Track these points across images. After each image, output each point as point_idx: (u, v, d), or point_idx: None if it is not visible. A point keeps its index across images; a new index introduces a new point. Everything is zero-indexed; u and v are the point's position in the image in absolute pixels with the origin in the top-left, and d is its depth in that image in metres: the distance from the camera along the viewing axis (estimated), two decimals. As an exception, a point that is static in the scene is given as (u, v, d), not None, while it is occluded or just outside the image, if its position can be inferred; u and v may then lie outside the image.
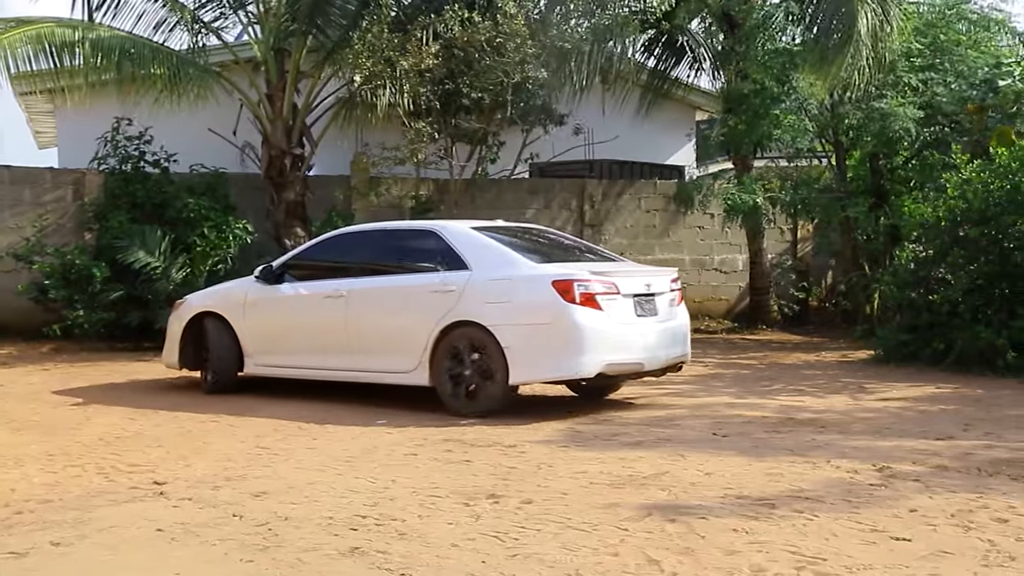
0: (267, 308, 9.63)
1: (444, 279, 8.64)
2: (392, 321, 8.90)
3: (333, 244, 9.80)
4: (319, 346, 9.27)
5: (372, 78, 13.46)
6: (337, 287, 9.24)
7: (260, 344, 9.63)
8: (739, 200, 13.93)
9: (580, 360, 8.21)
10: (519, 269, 8.59)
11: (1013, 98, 13.41)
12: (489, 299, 8.41)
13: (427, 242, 9.06)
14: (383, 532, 5.07)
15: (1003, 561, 4.46)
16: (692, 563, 4.52)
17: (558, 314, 8.21)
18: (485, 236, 8.98)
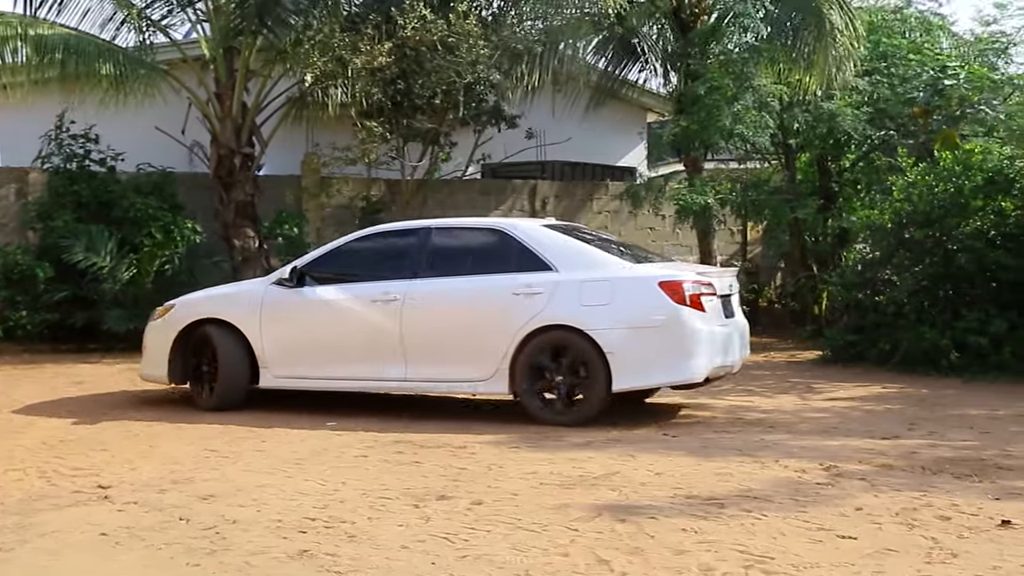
0: (292, 314, 8.68)
1: (528, 281, 8.07)
2: (462, 327, 8.23)
3: (371, 244, 8.93)
4: (362, 355, 8.42)
5: (323, 77, 13.38)
6: (387, 290, 8.40)
7: (282, 354, 8.64)
8: (690, 201, 14.01)
9: (692, 363, 7.92)
10: (615, 270, 8.22)
11: (957, 101, 13.63)
12: (585, 301, 7.92)
13: (494, 241, 8.47)
14: (332, 534, 5.04)
15: (945, 558, 4.53)
16: (641, 563, 4.53)
17: (670, 316, 7.86)
18: (563, 235, 8.61)
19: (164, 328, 9.03)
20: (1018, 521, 5.05)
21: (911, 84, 14.06)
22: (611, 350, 7.77)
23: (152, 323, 9.26)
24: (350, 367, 8.48)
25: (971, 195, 11.24)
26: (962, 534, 4.90)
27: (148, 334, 9.25)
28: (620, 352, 7.77)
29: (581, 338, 7.85)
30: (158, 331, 9.10)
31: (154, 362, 9.07)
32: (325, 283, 8.68)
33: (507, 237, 8.39)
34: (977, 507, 5.38)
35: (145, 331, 9.34)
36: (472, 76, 13.48)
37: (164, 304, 9.37)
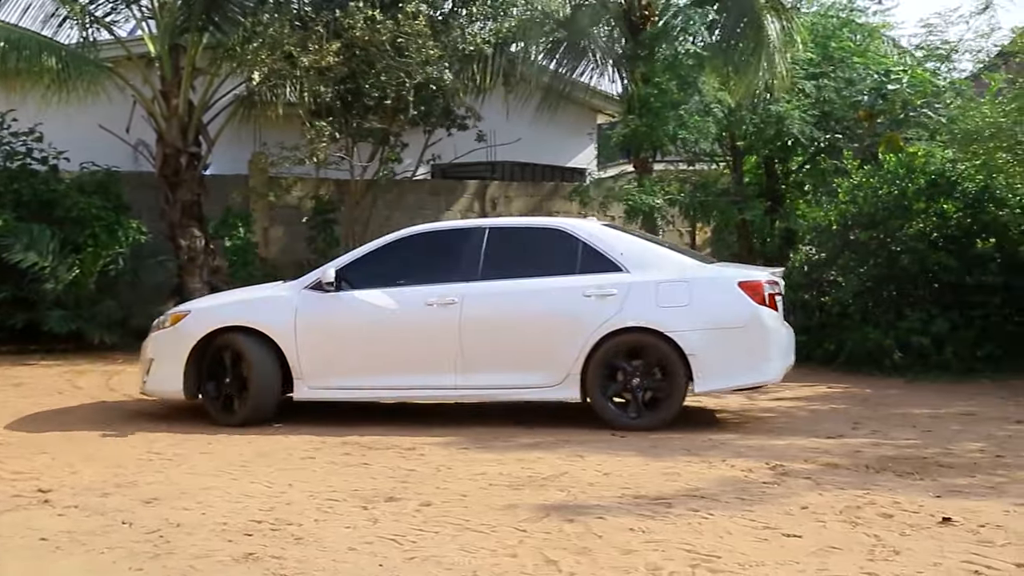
0: (332, 320, 8.11)
1: (599, 282, 7.84)
2: (528, 330, 7.90)
3: (416, 244, 8.42)
4: (414, 362, 7.98)
5: (271, 76, 13.26)
6: (444, 292, 7.98)
7: (322, 363, 8.06)
8: (639, 202, 14.08)
9: (772, 365, 7.94)
10: (691, 270, 8.10)
11: (900, 105, 13.82)
12: (663, 303, 7.76)
13: (555, 241, 8.19)
14: (278, 537, 4.99)
15: (888, 555, 4.59)
16: (589, 563, 4.54)
17: (751, 317, 7.81)
18: (628, 235, 8.53)
19: (177, 337, 8.23)
20: (958, 518, 5.13)
21: (856, 88, 14.24)
22: (692, 352, 7.66)
23: (159, 332, 8.43)
24: (400, 375, 8.01)
25: (914, 198, 11.41)
26: (904, 531, 4.97)
27: (154, 344, 8.43)
28: (702, 354, 7.67)
29: (660, 340, 7.71)
30: (168, 340, 8.29)
31: (164, 375, 8.25)
32: (366, 286, 8.13)
33: (569, 237, 8.15)
34: (919, 505, 5.46)
35: (149, 341, 8.52)
36: (422, 77, 13.44)
37: (172, 311, 8.65)
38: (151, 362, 8.38)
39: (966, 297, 10.84)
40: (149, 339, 8.53)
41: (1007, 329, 10.91)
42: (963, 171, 11.57)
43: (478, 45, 14.16)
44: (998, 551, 4.62)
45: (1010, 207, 11.18)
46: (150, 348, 8.46)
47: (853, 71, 14.25)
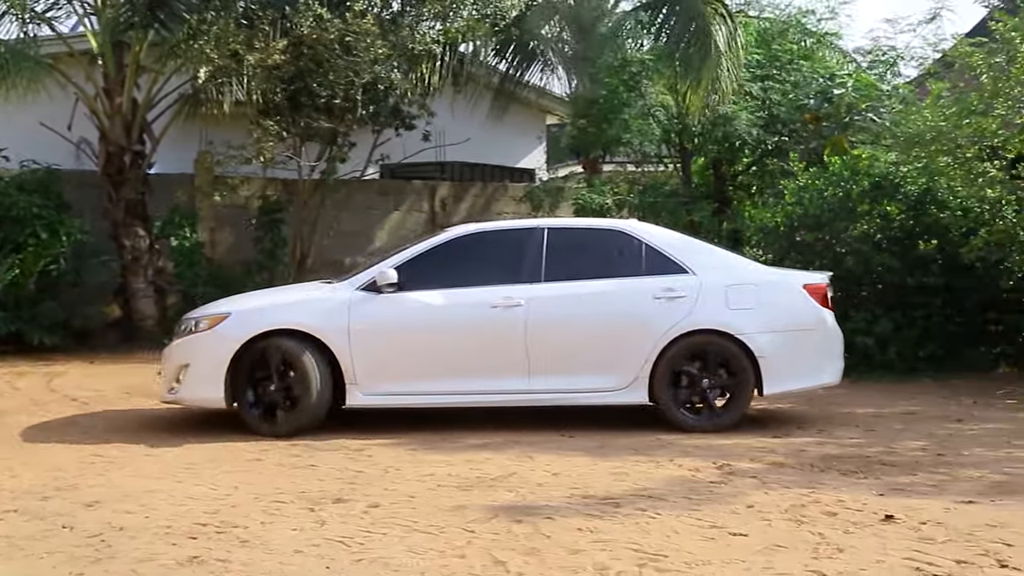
0: (390, 323, 7.76)
1: (668, 284, 7.83)
2: (596, 333, 7.83)
3: (471, 245, 8.17)
4: (478, 366, 7.76)
5: (217, 73, 13.11)
6: (509, 294, 7.79)
7: (377, 369, 7.69)
8: (588, 202, 14.13)
9: (836, 366, 8.14)
10: (756, 272, 8.26)
11: (845, 109, 14.00)
12: (732, 305, 7.82)
13: (615, 243, 8.14)
14: (224, 540, 4.93)
15: (832, 553, 4.64)
16: (537, 563, 4.54)
17: (817, 320, 8.01)
18: (687, 237, 8.60)
19: (217, 340, 7.69)
20: (901, 516, 5.20)
21: (802, 91, 14.41)
22: (762, 354, 7.71)
23: (196, 335, 7.82)
24: (463, 380, 7.76)
25: (858, 199, 11.57)
26: (848, 529, 5.03)
27: (189, 348, 7.83)
28: (771, 356, 7.74)
29: (730, 342, 7.75)
30: (207, 344, 7.72)
31: (202, 381, 7.70)
32: (422, 287, 7.84)
33: (629, 238, 8.12)
34: (862, 503, 5.53)
35: (179, 344, 7.92)
36: (371, 76, 13.37)
37: (208, 313, 8.06)
38: (185, 368, 7.76)
39: (909, 298, 11.01)
40: (179, 343, 7.93)
41: (948, 329, 11.10)
42: (906, 174, 11.75)
43: (427, 45, 14.12)
44: (939, 548, 4.69)
45: (951, 209, 11.37)
46: (183, 352, 7.85)
47: (799, 74, 14.42)
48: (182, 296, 13.78)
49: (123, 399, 9.45)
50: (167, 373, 7.97)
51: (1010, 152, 11.42)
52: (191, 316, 8.19)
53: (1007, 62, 11.24)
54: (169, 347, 8.10)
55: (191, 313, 8.41)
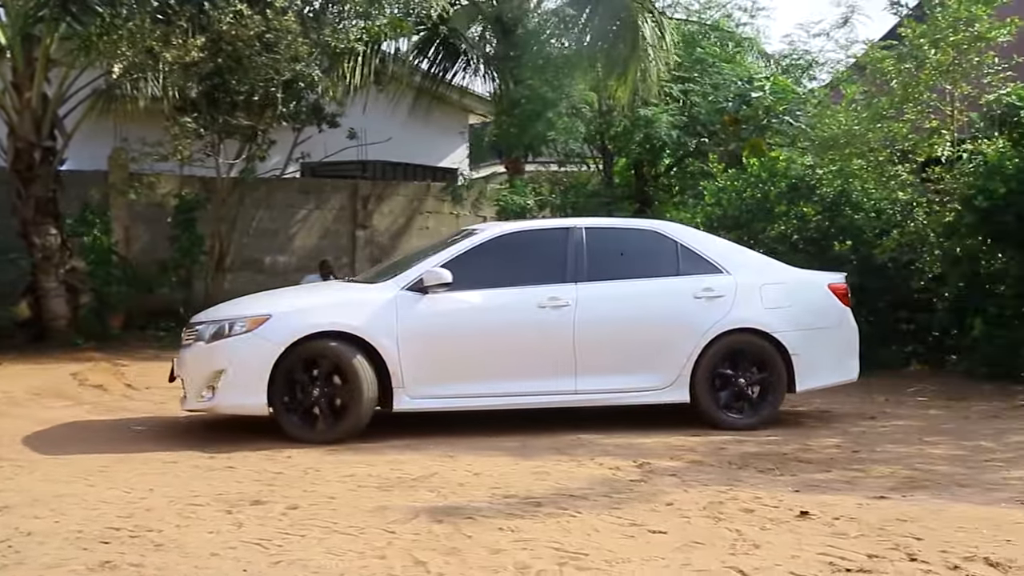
0: (437, 323, 7.55)
1: (708, 284, 7.95)
2: (641, 333, 7.84)
3: (511, 244, 8.08)
4: (527, 367, 7.67)
5: (132, 69, 12.83)
6: (555, 294, 7.75)
7: (425, 372, 7.46)
8: (511, 202, 14.16)
9: (855, 363, 8.39)
10: (783, 272, 8.47)
11: (763, 111, 14.24)
12: (767, 304, 8.01)
13: (650, 243, 8.25)
14: (137, 544, 4.82)
15: (749, 549, 4.70)
16: (458, 563, 4.53)
17: (841, 318, 8.29)
18: (718, 238, 8.83)
19: (259, 343, 7.30)
20: (815, 512, 5.29)
21: (722, 94, 14.62)
22: (795, 352, 7.90)
23: (231, 339, 7.36)
24: (512, 382, 7.65)
25: (776, 200, 11.78)
26: (764, 526, 5.10)
27: (225, 352, 7.36)
28: (803, 354, 7.93)
29: (765, 341, 7.91)
30: (248, 347, 7.31)
31: (242, 386, 7.29)
32: (465, 287, 7.64)
33: (663, 238, 8.24)
34: (778, 499, 5.62)
35: (208, 348, 7.42)
36: (291, 73, 13.22)
37: (246, 314, 7.53)
38: (220, 373, 7.30)
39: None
40: (212, 347, 7.41)
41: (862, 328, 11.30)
42: (821, 176, 11.99)
43: (350, 43, 14.01)
44: (851, 543, 4.78)
45: (865, 211, 11.63)
46: (217, 356, 7.36)
47: (719, 77, 14.63)
48: (95, 296, 13.48)
49: (33, 400, 9.20)
50: (194, 380, 7.46)
51: (920, 155, 11.74)
52: (222, 318, 7.60)
53: (916, 68, 11.55)
54: (191, 352, 7.58)
55: (213, 315, 7.89)
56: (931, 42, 11.44)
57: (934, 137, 11.59)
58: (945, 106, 11.76)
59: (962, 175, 10.88)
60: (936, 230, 11.20)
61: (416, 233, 17.11)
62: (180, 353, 7.79)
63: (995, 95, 11.40)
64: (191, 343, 7.61)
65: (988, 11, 11.38)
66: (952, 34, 11.29)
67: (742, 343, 7.95)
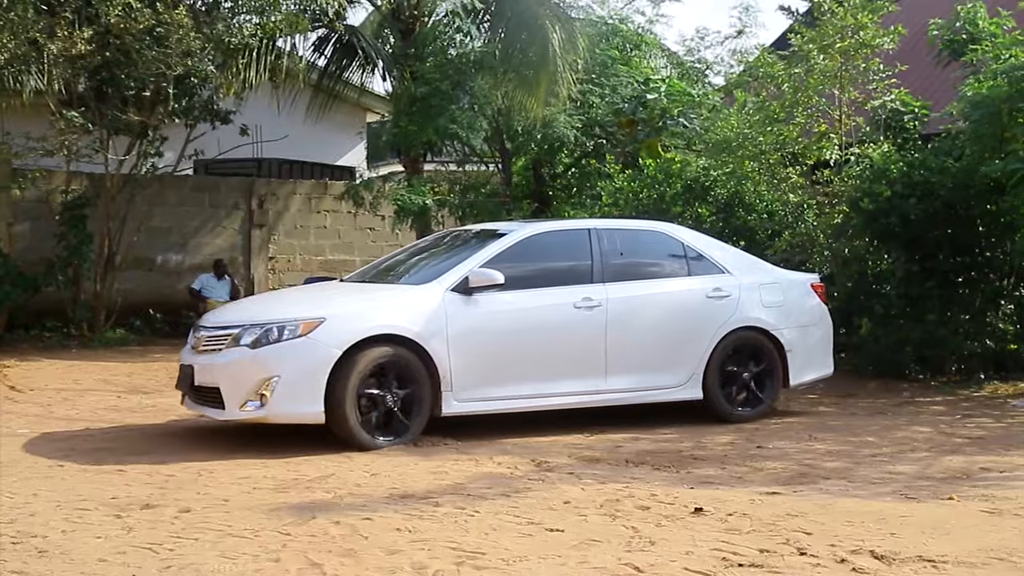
0: (484, 325, 7.47)
1: (717, 284, 8.31)
2: (663, 332, 8.08)
3: (540, 245, 8.11)
4: (564, 368, 7.75)
5: (14, 61, 12.38)
6: (588, 295, 7.85)
7: (474, 374, 7.37)
8: (409, 202, 14.09)
9: (831, 359, 8.90)
10: (774, 272, 8.93)
11: (659, 113, 14.44)
12: (766, 303, 8.42)
13: (660, 244, 8.55)
14: (20, 550, 4.66)
15: (644, 546, 4.76)
16: (354, 564, 4.48)
17: (823, 315, 8.82)
18: (710, 238, 9.12)
19: (314, 349, 6.97)
20: (709, 508, 5.38)
21: (619, 95, 14.78)
22: (790, 348, 8.40)
23: (281, 344, 6.98)
24: (549, 383, 7.71)
25: (671, 201, 11.96)
26: (660, 522, 5.17)
27: (275, 357, 6.97)
28: (795, 349, 8.45)
29: (765, 338, 8.36)
30: (301, 353, 6.97)
31: (297, 395, 6.95)
32: (503, 289, 7.55)
33: (670, 239, 8.55)
34: (674, 496, 5.70)
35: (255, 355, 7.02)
36: (183, 68, 12.93)
37: (298, 318, 7.12)
38: (270, 380, 6.90)
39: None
40: (259, 353, 7.01)
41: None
42: (716, 178, 12.21)
43: (244, 38, 13.77)
44: (744, 538, 4.87)
45: (757, 212, 11.89)
46: (267, 363, 6.96)
47: (617, 79, 14.78)
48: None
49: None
50: (237, 388, 7.00)
51: (810, 159, 12.06)
52: (265, 321, 7.16)
53: (805, 73, 11.86)
54: (228, 358, 7.13)
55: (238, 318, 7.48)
56: (820, 48, 11.76)
57: (823, 141, 11.92)
58: (833, 111, 12.10)
59: (849, 178, 11.21)
60: (825, 231, 11.52)
61: (315, 232, 16.91)
62: (203, 359, 7.32)
63: (880, 100, 11.78)
64: (224, 348, 7.20)
65: (874, 19, 11.75)
66: (839, 40, 11.62)
67: (745, 340, 8.34)
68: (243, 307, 8.42)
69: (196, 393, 7.41)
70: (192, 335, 7.76)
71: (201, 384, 7.31)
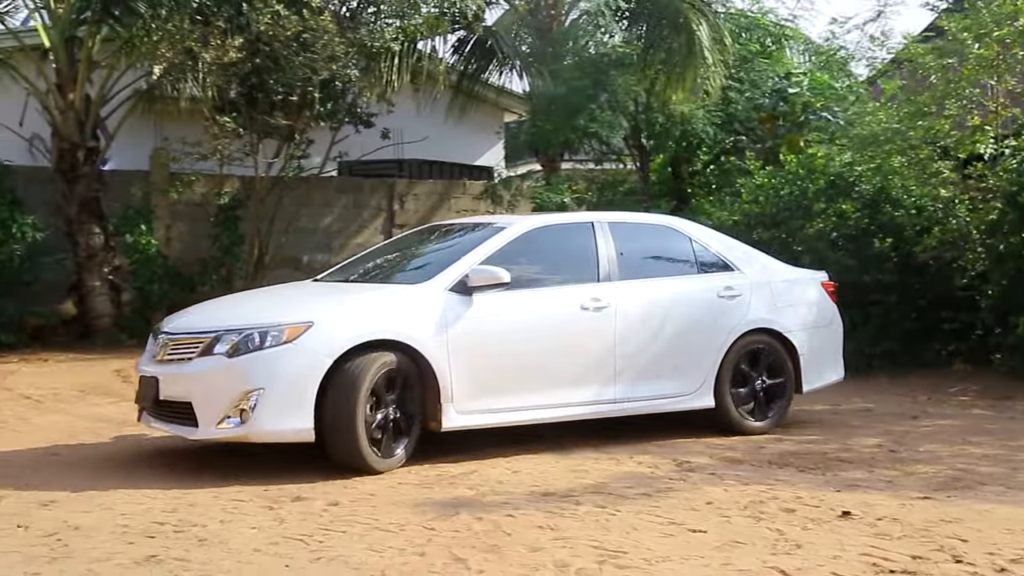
0: (489, 328, 6.74)
1: (727, 282, 7.66)
2: (676, 334, 7.38)
3: (542, 240, 7.35)
4: (574, 375, 7.02)
5: (172, 70, 12.96)
6: (596, 295, 7.15)
7: (476, 383, 6.61)
8: (547, 200, 14.16)
9: (842, 363, 8.30)
10: (784, 270, 8.27)
11: (800, 108, 14.14)
12: (778, 303, 7.81)
13: (667, 239, 7.86)
14: (182, 539, 4.88)
15: (790, 549, 4.68)
16: (498, 560, 4.54)
17: (834, 316, 8.19)
18: (717, 232, 8.56)
19: (301, 356, 6.17)
20: (857, 512, 5.26)
21: (759, 90, 14.54)
22: (802, 351, 7.76)
23: (264, 351, 6.17)
24: (557, 391, 6.97)
25: (814, 198, 11.68)
26: (806, 525, 5.07)
27: (258, 367, 6.13)
28: (808, 353, 7.79)
29: (777, 341, 7.72)
30: (288, 362, 6.16)
31: (284, 409, 6.13)
32: (506, 288, 6.77)
33: (677, 234, 7.88)
34: (820, 499, 5.58)
35: (246, 363, 6.14)
36: (328, 73, 13.29)
37: (282, 322, 6.28)
38: (252, 394, 6.11)
39: (864, 296, 11.12)
40: (236, 363, 6.17)
41: (904, 327, 11.22)
42: (860, 173, 11.87)
43: (386, 42, 14.06)
44: (895, 543, 4.74)
45: (905, 208, 11.51)
46: (247, 373, 6.13)
47: (756, 73, 14.54)
48: (138, 293, 13.66)
49: (79, 397, 9.33)
50: (211, 403, 6.21)
51: (962, 152, 11.60)
52: (242, 326, 6.34)
53: (958, 63, 11.42)
54: (200, 368, 6.30)
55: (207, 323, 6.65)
56: (974, 36, 11.30)
57: (976, 133, 11.45)
58: (988, 102, 11.61)
59: (1005, 172, 10.74)
60: (979, 227, 11.06)
61: (453, 231, 17.15)
62: (170, 369, 6.48)
63: (1040, 90, 11.26)
64: (194, 357, 6.35)
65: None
66: (996, 29, 11.14)
67: (757, 344, 7.68)
68: (213, 310, 7.23)
69: (161, 408, 6.51)
70: (152, 342, 6.88)
71: (168, 398, 6.43)
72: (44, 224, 13.13)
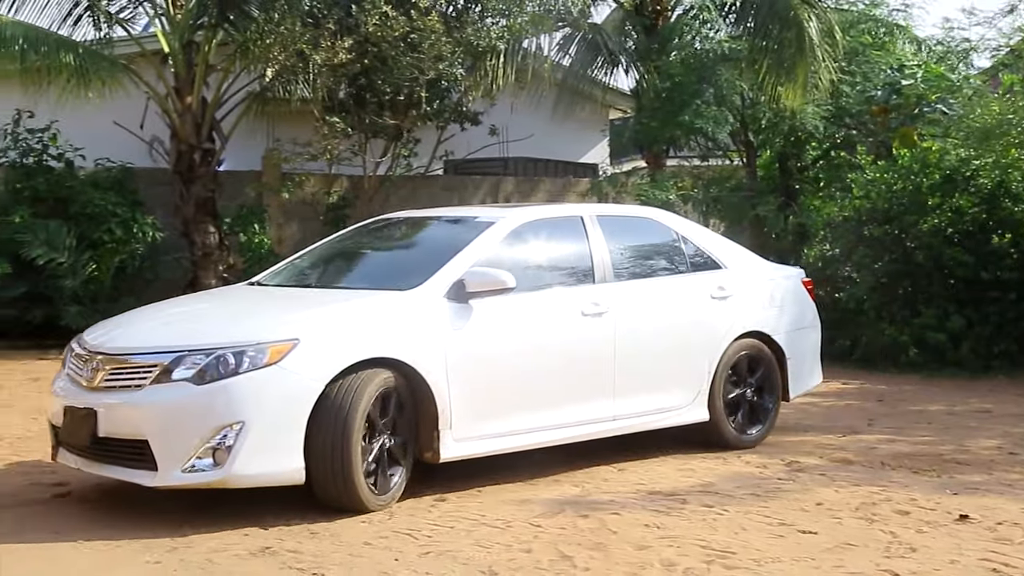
0: (490, 341, 5.89)
1: (718, 282, 6.96)
2: (675, 341, 6.68)
3: (532, 235, 6.49)
4: (572, 391, 6.23)
5: (284, 72, 13.28)
6: (595, 299, 6.34)
7: (477, 405, 5.76)
8: (652, 197, 14.06)
9: (820, 367, 7.74)
10: (767, 267, 7.63)
11: (915, 100, 13.76)
12: (765, 304, 7.17)
13: (654, 233, 7.15)
14: (294, 532, 5.02)
15: (904, 552, 4.58)
16: (604, 558, 4.55)
17: (814, 317, 7.59)
18: (696, 224, 7.88)
19: (289, 382, 5.15)
20: (975, 516, 5.12)
21: (871, 83, 14.21)
22: (790, 356, 7.19)
23: (240, 377, 5.08)
24: (560, 408, 6.18)
25: (928, 193, 11.36)
26: (921, 528, 4.96)
27: (234, 396, 5.03)
28: (794, 357, 7.24)
29: (765, 344, 7.10)
30: (272, 389, 5.12)
31: (271, 448, 5.10)
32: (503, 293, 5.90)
33: (661, 227, 7.18)
34: (935, 502, 5.45)
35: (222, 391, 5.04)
36: (435, 73, 13.45)
37: (262, 340, 5.20)
38: (233, 429, 5.04)
39: (982, 293, 10.79)
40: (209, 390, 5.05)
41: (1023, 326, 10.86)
42: (977, 167, 11.51)
43: (491, 41, 14.16)
44: (1016, 548, 4.61)
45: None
46: (230, 404, 5.04)
47: (868, 65, 14.22)
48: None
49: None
50: (178, 442, 5.06)
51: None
52: (212, 345, 5.20)
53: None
54: (159, 398, 5.13)
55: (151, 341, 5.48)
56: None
57: (1102, 125, 11.01)
58: (1115, 92, 11.16)
59: None
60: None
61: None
62: (112, 399, 5.30)
63: None
64: (147, 383, 5.18)
65: None
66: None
67: (746, 349, 7.01)
68: (164, 322, 5.99)
69: (101, 448, 5.30)
70: (72, 362, 5.71)
71: (112, 436, 5.24)
72: (163, 224, 13.59)
